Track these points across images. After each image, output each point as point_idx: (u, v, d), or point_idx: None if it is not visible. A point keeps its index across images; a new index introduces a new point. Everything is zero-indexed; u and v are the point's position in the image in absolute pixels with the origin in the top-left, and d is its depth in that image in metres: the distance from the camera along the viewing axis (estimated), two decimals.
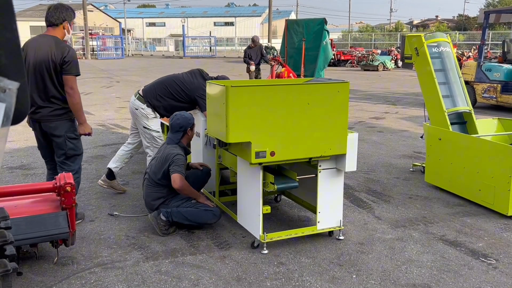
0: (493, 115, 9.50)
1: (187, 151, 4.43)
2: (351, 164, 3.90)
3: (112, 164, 5.26)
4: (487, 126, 5.88)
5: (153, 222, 4.15)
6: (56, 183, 3.40)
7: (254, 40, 12.98)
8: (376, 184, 5.74)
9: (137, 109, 5.02)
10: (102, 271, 3.51)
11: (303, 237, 4.07)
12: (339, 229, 4.10)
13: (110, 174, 5.23)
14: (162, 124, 5.67)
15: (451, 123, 5.44)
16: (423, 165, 5.99)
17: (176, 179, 4.11)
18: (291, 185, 3.92)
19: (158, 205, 4.24)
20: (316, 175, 3.92)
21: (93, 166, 6.44)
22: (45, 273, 3.48)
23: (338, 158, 3.92)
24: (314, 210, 4.35)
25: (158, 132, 5.09)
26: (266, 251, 3.81)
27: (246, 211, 4.03)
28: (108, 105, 12.55)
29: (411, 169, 6.33)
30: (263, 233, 3.79)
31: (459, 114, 5.66)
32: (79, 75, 4.17)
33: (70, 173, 3.58)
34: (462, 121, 5.72)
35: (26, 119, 3.68)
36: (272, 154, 3.57)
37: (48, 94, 4.11)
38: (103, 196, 5.17)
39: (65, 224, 3.33)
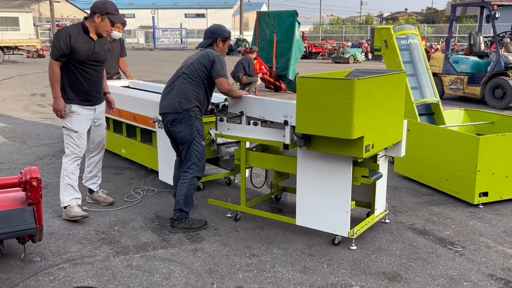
0: (460, 106, 9.70)
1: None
2: (403, 149, 4.07)
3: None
4: (454, 117, 6.02)
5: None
6: (21, 178, 3.31)
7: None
8: None
9: None
10: (71, 267, 3.44)
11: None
12: (385, 214, 4.26)
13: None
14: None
15: (419, 114, 5.55)
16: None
17: (224, 82, 4.01)
18: (379, 175, 3.80)
19: (186, 109, 4.02)
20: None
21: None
22: (12, 270, 3.39)
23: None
24: None
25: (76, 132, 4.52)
26: (355, 247, 3.75)
27: (321, 211, 3.79)
28: None
29: None
30: (351, 229, 3.72)
31: (427, 105, 5.77)
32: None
33: (36, 167, 3.50)
34: (430, 112, 5.84)
35: None
36: (372, 146, 3.52)
37: None
38: None
39: (32, 220, 3.25)
